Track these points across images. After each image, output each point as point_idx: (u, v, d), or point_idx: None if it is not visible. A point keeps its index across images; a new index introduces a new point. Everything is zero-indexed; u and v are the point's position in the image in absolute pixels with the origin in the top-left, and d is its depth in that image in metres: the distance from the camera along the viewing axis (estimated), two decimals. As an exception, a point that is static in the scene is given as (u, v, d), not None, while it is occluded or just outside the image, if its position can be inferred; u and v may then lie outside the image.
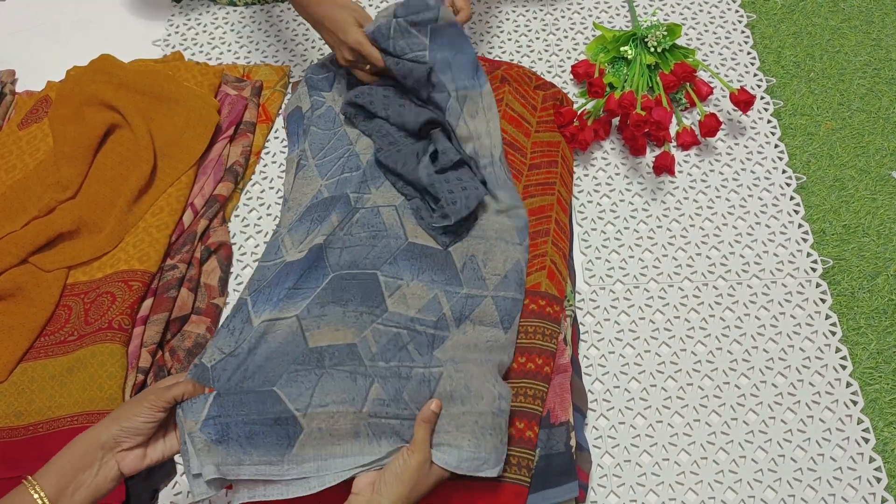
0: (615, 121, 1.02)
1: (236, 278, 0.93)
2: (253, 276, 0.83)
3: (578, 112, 0.99)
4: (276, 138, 1.05)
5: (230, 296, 0.91)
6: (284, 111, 1.06)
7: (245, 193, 1.00)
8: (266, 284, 0.80)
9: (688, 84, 1.02)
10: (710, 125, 0.96)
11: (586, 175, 0.99)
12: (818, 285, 0.88)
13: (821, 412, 0.80)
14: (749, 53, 1.10)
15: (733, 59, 1.09)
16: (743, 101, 0.96)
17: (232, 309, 0.79)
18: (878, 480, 0.76)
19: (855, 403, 0.80)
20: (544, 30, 1.14)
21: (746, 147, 1.00)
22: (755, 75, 1.07)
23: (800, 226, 0.93)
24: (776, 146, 1.00)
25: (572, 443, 0.75)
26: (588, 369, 0.84)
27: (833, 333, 0.85)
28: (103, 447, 0.61)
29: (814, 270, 0.90)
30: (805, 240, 0.92)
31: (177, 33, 1.17)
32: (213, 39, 1.16)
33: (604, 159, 1.00)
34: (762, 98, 1.05)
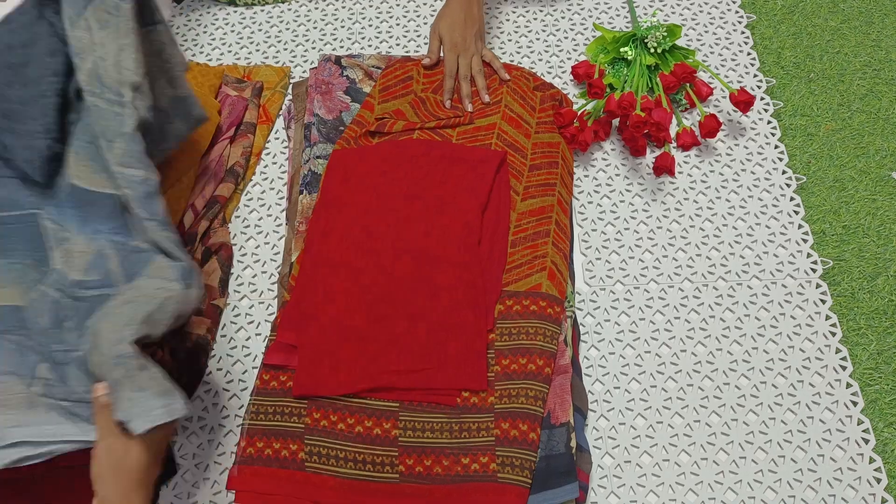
0: (615, 121, 1.02)
1: (237, 279, 0.93)
2: None
3: (578, 113, 0.99)
4: (277, 139, 1.05)
5: (231, 297, 0.91)
6: (285, 112, 1.06)
7: (246, 194, 1.00)
8: None
9: (688, 85, 1.02)
10: (711, 126, 0.96)
11: (586, 176, 0.99)
12: (818, 286, 0.89)
13: (821, 413, 0.80)
14: (749, 54, 1.10)
15: (733, 60, 1.09)
16: (743, 102, 0.97)
17: None
18: (878, 481, 0.76)
19: (855, 404, 0.80)
20: (544, 30, 1.14)
21: (746, 148, 1.00)
22: (755, 76, 1.07)
23: (800, 226, 0.93)
24: (776, 147, 1.00)
25: (573, 444, 0.75)
26: (588, 370, 0.84)
27: (833, 334, 0.85)
28: None
29: (814, 271, 0.90)
30: (805, 240, 0.92)
31: (177, 34, 1.17)
32: (214, 40, 1.16)
33: (604, 160, 1.00)
34: (762, 99, 1.05)
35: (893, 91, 1.06)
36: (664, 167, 0.95)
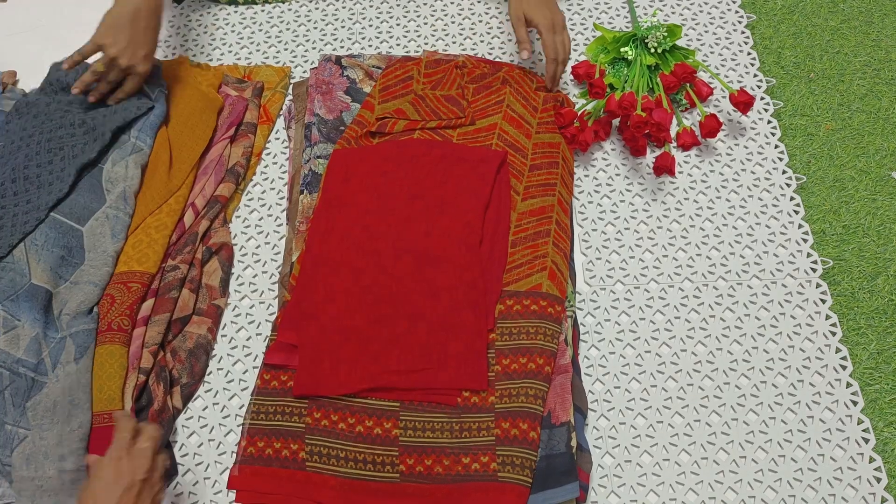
0: (615, 121, 1.02)
1: (237, 279, 0.93)
2: None
3: (578, 113, 0.99)
4: (277, 139, 1.05)
5: (231, 296, 0.91)
6: (286, 112, 1.06)
7: (246, 194, 1.00)
8: None
9: (688, 85, 1.03)
10: (711, 126, 0.96)
11: (587, 176, 0.99)
12: (818, 286, 0.89)
13: (821, 412, 0.80)
14: (749, 54, 1.10)
15: (733, 60, 1.09)
16: (742, 103, 0.97)
17: None
18: (878, 480, 0.76)
19: (855, 404, 0.80)
20: (544, 30, 1.14)
21: (746, 148, 1.01)
22: (755, 76, 1.07)
23: (800, 226, 0.93)
24: (776, 147, 1.00)
25: (573, 443, 0.75)
26: (588, 370, 0.84)
27: (833, 334, 0.85)
28: None
29: (814, 271, 0.90)
30: (805, 240, 0.92)
31: (177, 34, 1.17)
32: (214, 40, 1.16)
33: (604, 160, 1.00)
34: (762, 99, 1.05)
35: (893, 91, 1.06)
36: (664, 167, 0.95)
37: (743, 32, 1.12)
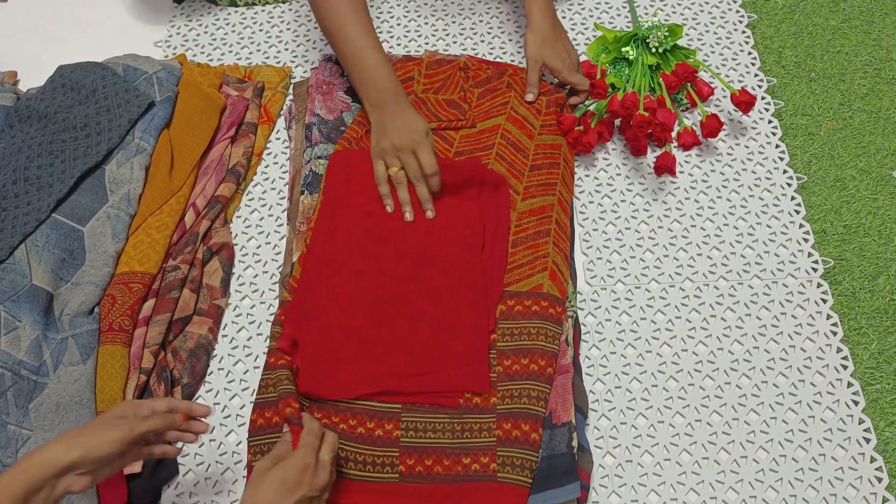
0: (616, 121, 1.02)
1: (238, 279, 0.93)
2: None
3: (580, 115, 0.99)
4: (278, 139, 1.05)
5: (232, 297, 0.91)
6: (286, 112, 1.06)
7: (247, 194, 1.00)
8: None
9: (689, 84, 1.02)
10: (712, 126, 0.96)
11: (587, 175, 0.99)
12: (819, 285, 0.89)
13: (822, 412, 0.80)
14: (750, 54, 1.10)
15: (734, 60, 1.09)
16: (744, 103, 0.97)
17: None
18: (880, 480, 0.76)
19: (856, 403, 0.80)
20: (545, 30, 1.14)
21: (747, 147, 1.00)
22: (756, 75, 1.07)
23: (801, 226, 0.93)
24: (777, 146, 1.00)
25: (574, 443, 0.75)
26: (589, 370, 0.84)
27: (834, 333, 0.85)
28: (62, 471, 0.58)
29: (815, 270, 0.90)
30: (806, 240, 0.92)
31: (178, 34, 1.17)
32: (215, 40, 1.16)
33: (605, 160, 1.00)
34: (763, 98, 1.05)
35: (894, 90, 1.06)
36: (665, 167, 0.95)
37: (744, 32, 1.12)
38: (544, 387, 0.78)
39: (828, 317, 0.86)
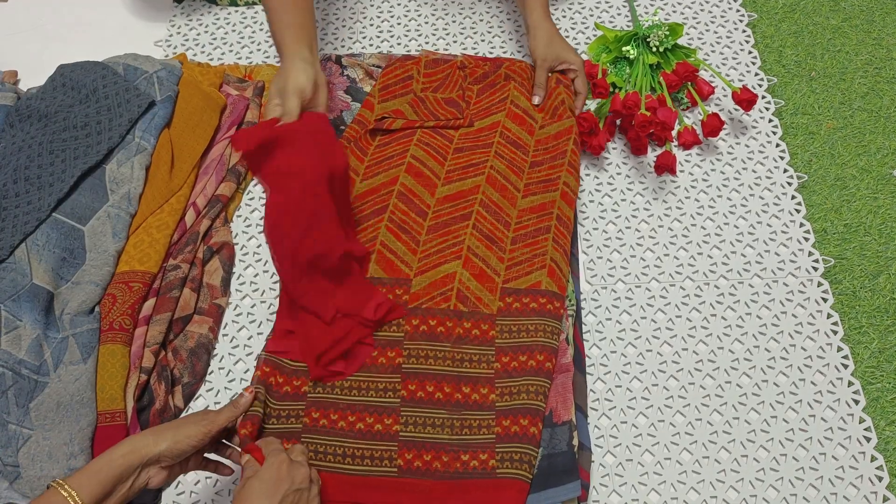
0: (617, 121, 1.02)
1: (238, 278, 0.93)
2: None
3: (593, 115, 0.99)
4: (278, 138, 1.05)
5: (232, 296, 0.91)
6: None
7: (247, 193, 1.00)
8: None
9: (689, 83, 1.02)
10: (713, 125, 0.96)
11: (588, 175, 0.99)
12: (820, 284, 0.89)
13: (822, 411, 0.80)
14: (750, 53, 1.10)
15: (734, 59, 1.09)
16: (745, 100, 0.97)
17: None
18: (880, 479, 0.76)
19: (857, 402, 0.80)
20: (545, 29, 1.14)
21: (748, 146, 1.00)
22: (756, 74, 1.07)
23: (801, 225, 0.93)
24: (777, 145, 1.00)
25: (575, 441, 0.75)
26: (590, 369, 0.84)
27: (835, 332, 0.85)
28: (148, 461, 0.62)
29: (815, 269, 0.90)
30: (806, 239, 0.92)
31: (178, 34, 1.17)
32: (215, 40, 1.16)
33: (605, 159, 1.00)
34: (763, 97, 1.05)
35: (895, 89, 1.06)
36: (665, 166, 0.95)
37: (744, 31, 1.12)
38: (543, 381, 0.78)
39: (828, 316, 0.86)
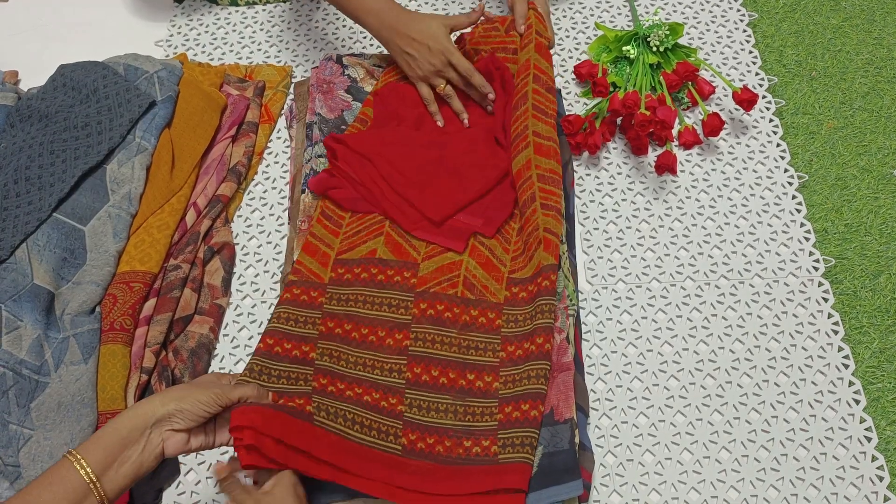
0: (617, 120, 1.02)
1: (239, 278, 0.93)
2: None
3: (585, 116, 0.99)
4: (279, 138, 1.05)
5: (233, 296, 0.91)
6: (287, 111, 1.06)
7: (248, 194, 1.00)
8: None
9: (690, 83, 1.02)
10: (714, 124, 0.96)
11: (588, 174, 0.99)
12: (820, 284, 0.89)
13: (823, 411, 0.80)
14: (751, 52, 1.10)
15: (735, 59, 1.09)
16: (746, 100, 0.97)
17: None
18: (881, 479, 0.76)
19: (857, 402, 0.80)
20: (546, 29, 1.14)
21: (748, 146, 1.00)
22: (757, 74, 1.07)
23: (802, 225, 0.93)
24: (778, 145, 1.00)
25: (576, 440, 0.75)
26: (590, 368, 0.84)
27: (835, 332, 0.85)
28: (155, 422, 0.61)
29: (816, 269, 0.90)
30: (807, 239, 0.92)
31: (179, 34, 1.17)
32: (216, 40, 1.16)
33: (605, 158, 1.00)
34: (764, 97, 1.05)
35: (895, 89, 1.06)
36: (666, 165, 0.95)
37: (744, 31, 1.12)
38: (543, 364, 0.78)
39: (829, 316, 0.86)
